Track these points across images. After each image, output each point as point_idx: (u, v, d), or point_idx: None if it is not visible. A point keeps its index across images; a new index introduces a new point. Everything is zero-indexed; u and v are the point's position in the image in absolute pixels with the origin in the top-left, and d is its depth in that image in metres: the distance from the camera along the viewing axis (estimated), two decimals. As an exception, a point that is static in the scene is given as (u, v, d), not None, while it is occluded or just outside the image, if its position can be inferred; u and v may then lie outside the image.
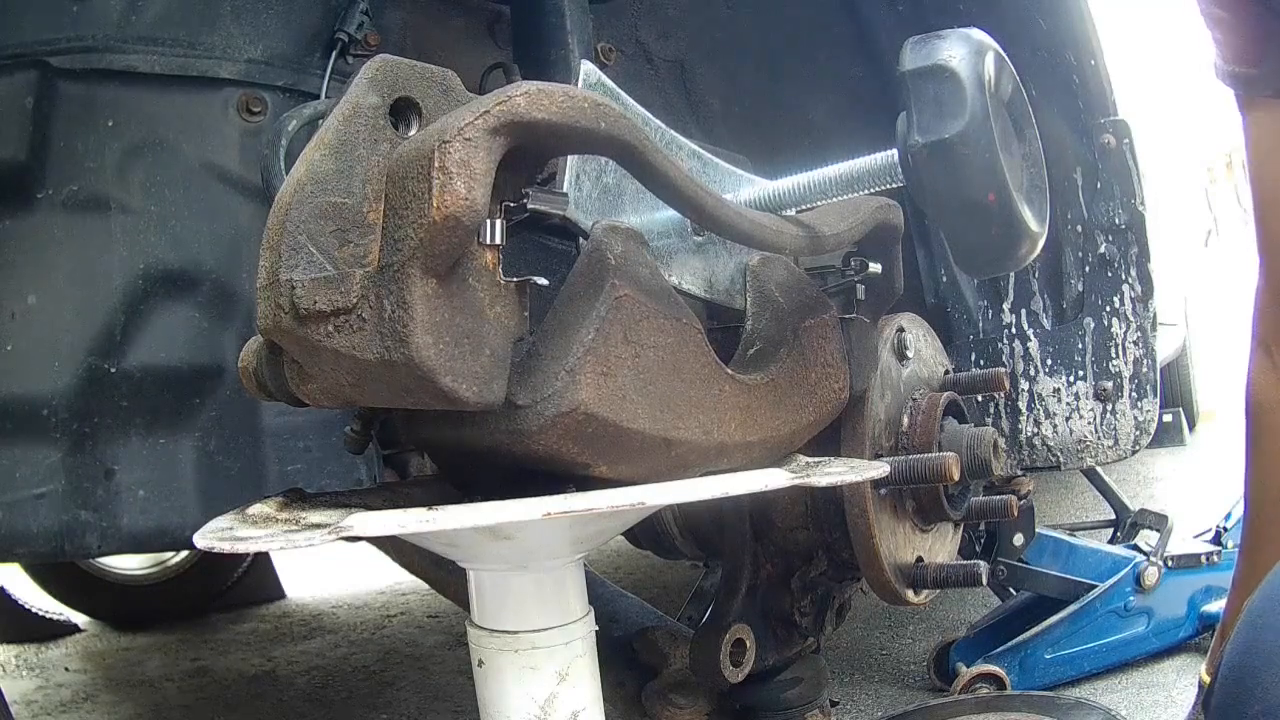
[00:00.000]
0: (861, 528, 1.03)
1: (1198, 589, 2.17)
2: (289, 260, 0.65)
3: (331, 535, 0.60)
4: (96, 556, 2.36)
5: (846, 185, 0.87)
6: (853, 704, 2.03)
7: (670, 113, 1.45)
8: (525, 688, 0.77)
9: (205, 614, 3.35)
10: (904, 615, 2.55)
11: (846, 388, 0.95)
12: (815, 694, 1.20)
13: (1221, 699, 0.82)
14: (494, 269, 0.66)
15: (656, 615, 1.32)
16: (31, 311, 1.01)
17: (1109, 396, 1.63)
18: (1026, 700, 1.76)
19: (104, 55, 1.02)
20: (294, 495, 0.79)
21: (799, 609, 1.17)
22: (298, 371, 0.70)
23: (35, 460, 1.01)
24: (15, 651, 3.08)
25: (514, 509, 0.62)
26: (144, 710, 2.48)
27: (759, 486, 0.73)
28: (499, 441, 0.70)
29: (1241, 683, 0.78)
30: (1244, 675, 0.77)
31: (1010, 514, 1.15)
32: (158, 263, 1.05)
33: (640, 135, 0.67)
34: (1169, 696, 1.94)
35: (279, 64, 1.09)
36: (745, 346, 0.89)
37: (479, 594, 0.80)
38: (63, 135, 1.02)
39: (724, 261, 0.94)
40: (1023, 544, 2.07)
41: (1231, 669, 0.80)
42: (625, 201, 0.86)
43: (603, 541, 0.85)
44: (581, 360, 0.69)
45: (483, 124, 0.60)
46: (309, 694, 2.49)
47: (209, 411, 1.07)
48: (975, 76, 0.77)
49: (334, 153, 0.67)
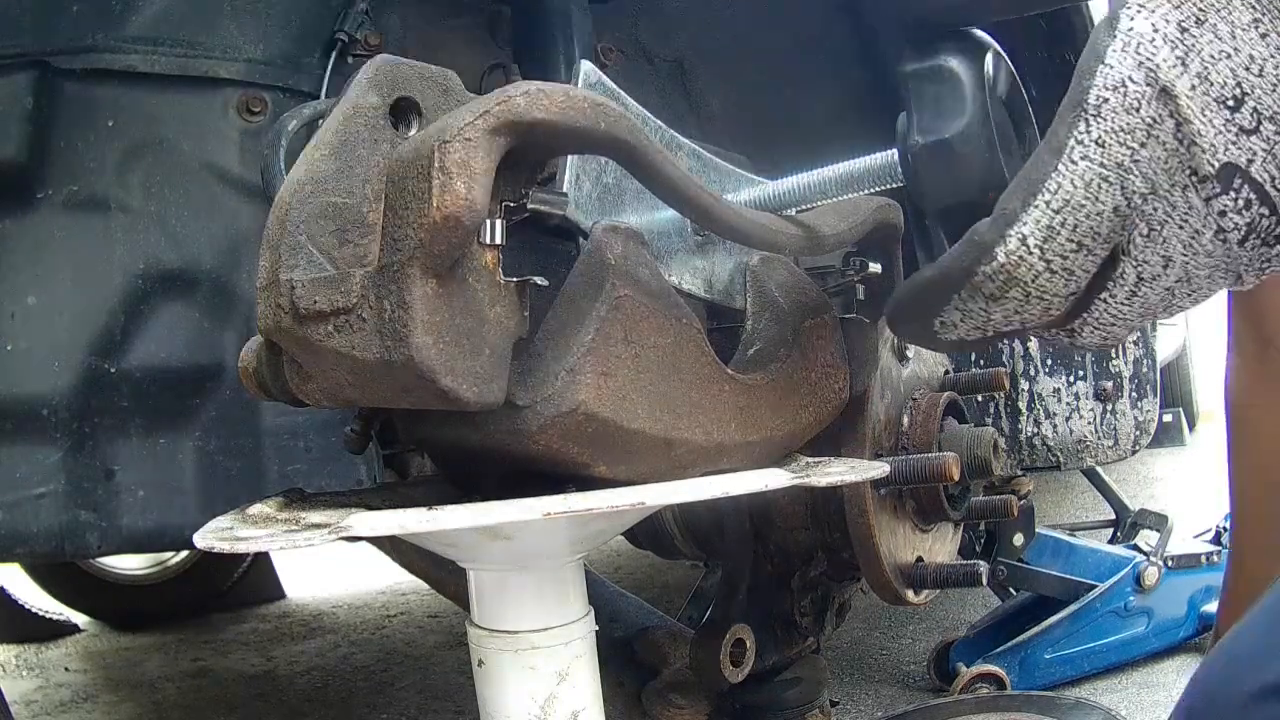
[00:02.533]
0: (861, 528, 1.03)
1: (1198, 589, 2.17)
2: (289, 260, 0.65)
3: (331, 535, 0.60)
4: (96, 556, 2.36)
5: (846, 185, 0.87)
6: (853, 704, 2.04)
7: (670, 113, 1.44)
8: (525, 688, 0.77)
9: (205, 614, 3.35)
10: (904, 615, 2.55)
11: (846, 388, 0.95)
12: (815, 694, 1.20)
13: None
14: (494, 269, 0.66)
15: (656, 615, 1.32)
16: (31, 311, 1.01)
17: (1109, 396, 1.63)
18: (1026, 700, 1.76)
19: (104, 55, 1.02)
20: (294, 495, 0.79)
21: (799, 609, 1.17)
22: (298, 371, 0.70)
23: (35, 460, 1.01)
24: (15, 651, 3.08)
25: (514, 509, 0.62)
26: (144, 710, 2.48)
27: (759, 486, 0.73)
28: (499, 441, 0.70)
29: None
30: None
31: (1010, 514, 1.15)
32: (158, 263, 1.05)
33: (640, 135, 0.67)
34: (1169, 696, 1.94)
35: (279, 64, 1.09)
36: (745, 346, 0.89)
37: (479, 594, 0.80)
38: (63, 135, 1.02)
39: (724, 261, 0.94)
40: (1023, 544, 2.07)
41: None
42: (625, 201, 0.86)
43: (603, 541, 0.85)
44: (581, 360, 0.69)
45: (483, 124, 0.60)
46: (309, 694, 2.49)
47: (209, 411, 1.07)
48: (975, 76, 0.77)
49: (334, 153, 0.67)
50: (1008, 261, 0.61)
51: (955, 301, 0.66)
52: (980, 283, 0.63)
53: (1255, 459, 1.30)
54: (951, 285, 0.65)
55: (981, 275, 0.63)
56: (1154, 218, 0.59)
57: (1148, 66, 0.56)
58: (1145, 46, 0.56)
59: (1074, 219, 0.59)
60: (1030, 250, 0.61)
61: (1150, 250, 0.60)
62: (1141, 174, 0.57)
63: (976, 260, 0.63)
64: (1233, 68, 0.55)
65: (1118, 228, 0.59)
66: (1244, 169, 0.56)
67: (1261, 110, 0.55)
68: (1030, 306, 0.64)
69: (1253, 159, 0.56)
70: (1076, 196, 0.58)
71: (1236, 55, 0.55)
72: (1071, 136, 0.58)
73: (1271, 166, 0.56)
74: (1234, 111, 0.55)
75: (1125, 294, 0.62)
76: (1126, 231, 0.60)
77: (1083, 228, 0.59)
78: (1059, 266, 0.61)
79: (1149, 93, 0.56)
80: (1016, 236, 0.61)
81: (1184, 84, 0.56)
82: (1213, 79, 0.55)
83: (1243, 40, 0.55)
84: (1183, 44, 0.56)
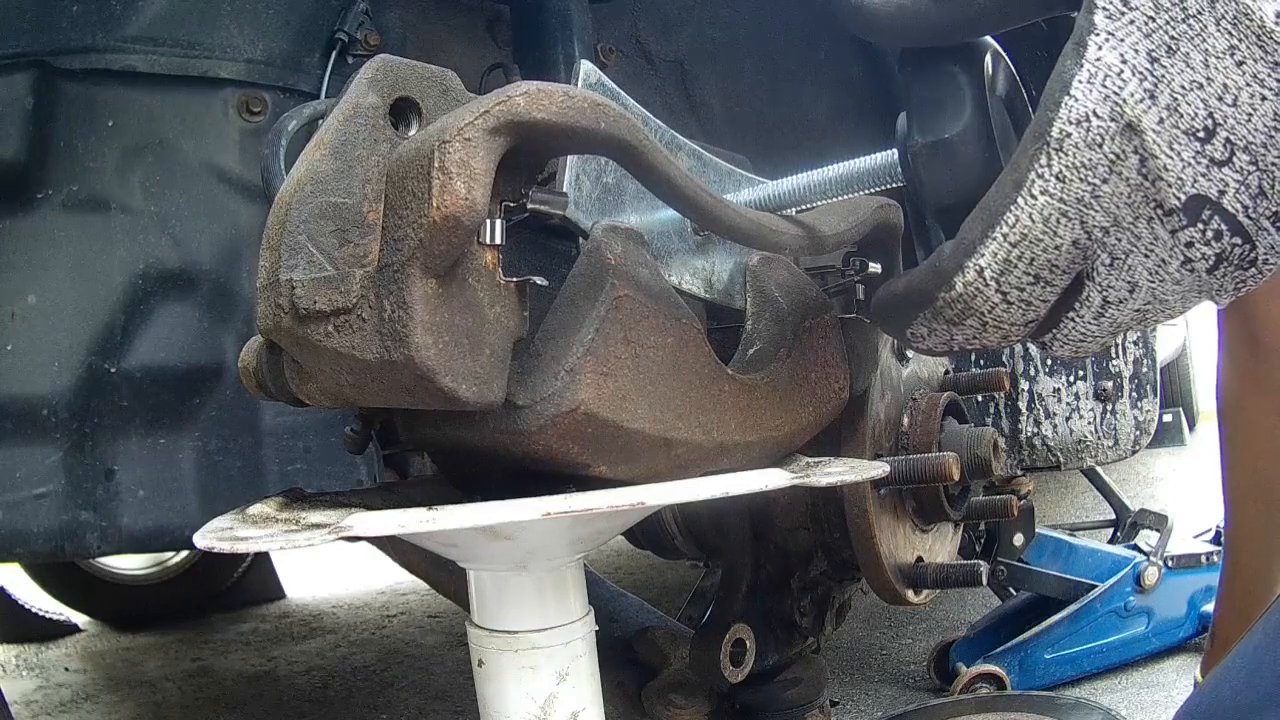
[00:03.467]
0: (861, 528, 1.03)
1: (1198, 589, 2.17)
2: (289, 260, 0.65)
3: (331, 535, 0.60)
4: (96, 556, 2.36)
5: (846, 185, 0.87)
6: (853, 704, 2.04)
7: (670, 113, 1.44)
8: (525, 688, 0.77)
9: (205, 614, 3.35)
10: (904, 615, 2.55)
11: (846, 388, 0.95)
12: (815, 694, 1.20)
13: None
14: (494, 269, 0.66)
15: (656, 615, 1.32)
16: (31, 311, 1.01)
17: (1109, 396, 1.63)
18: (1026, 700, 1.77)
19: (104, 55, 1.02)
20: (294, 495, 0.79)
21: (799, 609, 1.17)
22: (298, 371, 0.70)
23: (35, 460, 1.01)
24: (15, 651, 3.09)
25: (514, 509, 0.62)
26: (144, 710, 2.48)
27: (759, 486, 0.73)
28: (499, 441, 0.70)
29: None
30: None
31: (1010, 514, 1.15)
32: (158, 263, 1.05)
33: (640, 135, 0.67)
34: (1169, 696, 1.95)
35: (279, 64, 1.09)
36: (745, 346, 0.89)
37: (479, 594, 0.80)
38: (63, 135, 1.02)
39: (724, 261, 0.94)
40: (1023, 544, 2.07)
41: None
42: (625, 201, 0.86)
43: (603, 541, 0.85)
44: (581, 360, 0.69)
45: (482, 124, 0.60)
46: (309, 694, 2.49)
47: (209, 411, 1.07)
48: (974, 76, 0.77)
49: (334, 153, 0.67)
50: (965, 292, 0.62)
51: (920, 318, 0.67)
52: (940, 308, 0.64)
53: (1248, 459, 1.31)
54: (914, 305, 0.66)
55: (941, 301, 0.64)
56: (1117, 248, 0.58)
57: (1114, 101, 0.54)
58: (1112, 80, 0.54)
59: (1031, 253, 0.59)
60: (987, 282, 0.61)
61: (1114, 277, 0.59)
62: (1103, 209, 0.57)
63: (936, 286, 0.63)
64: (1204, 98, 0.53)
65: (1078, 259, 0.59)
66: (1215, 200, 0.54)
67: (1235, 140, 0.53)
68: (988, 333, 0.65)
69: (1224, 190, 0.54)
70: (1034, 231, 0.58)
71: (1209, 85, 0.53)
72: (1033, 169, 0.57)
73: (1245, 196, 0.54)
74: (1204, 143, 0.54)
75: (1092, 314, 0.62)
76: (1089, 260, 0.59)
77: (1040, 261, 0.59)
78: (1015, 298, 0.61)
79: (1113, 128, 0.55)
80: (974, 268, 0.61)
81: (1151, 118, 0.54)
82: (1182, 110, 0.54)
83: (1216, 69, 0.53)
84: (1152, 75, 0.54)
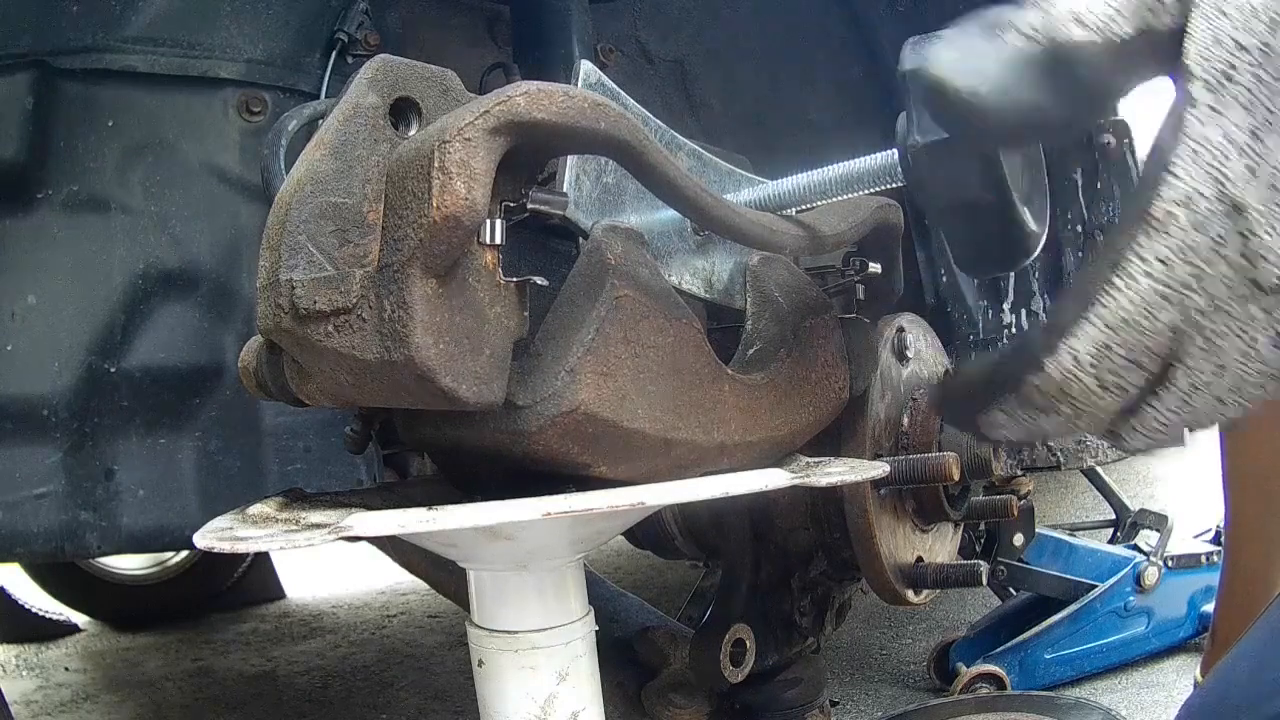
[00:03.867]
0: (861, 528, 1.03)
1: (1198, 589, 2.17)
2: (289, 260, 0.65)
3: (331, 535, 0.60)
4: (96, 556, 2.36)
5: (846, 185, 0.87)
6: (853, 704, 2.04)
7: (670, 113, 1.45)
8: (525, 688, 0.77)
9: (205, 614, 3.35)
10: (904, 615, 2.56)
11: (846, 388, 0.95)
12: (815, 694, 1.20)
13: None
14: (494, 269, 0.66)
15: (656, 615, 1.32)
16: (31, 311, 1.01)
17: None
18: (1026, 700, 1.77)
19: (104, 55, 1.02)
20: (294, 495, 0.79)
21: (799, 609, 1.17)
22: (298, 371, 0.70)
23: (35, 460, 1.01)
24: (15, 651, 3.09)
25: (514, 509, 0.62)
26: (144, 710, 2.48)
27: (759, 486, 0.73)
28: (499, 441, 0.70)
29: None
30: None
31: (1010, 514, 1.15)
32: (158, 263, 1.05)
33: (640, 135, 0.67)
34: (1169, 696, 1.95)
35: (279, 64, 1.09)
36: (745, 346, 0.89)
37: (479, 594, 0.80)
38: (63, 135, 1.02)
39: (724, 261, 0.94)
40: (1023, 544, 2.07)
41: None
42: (625, 201, 0.86)
43: (603, 541, 0.85)
44: (581, 360, 0.69)
45: (482, 124, 0.60)
46: (309, 694, 2.49)
47: (209, 411, 1.07)
48: (975, 76, 0.77)
49: (334, 153, 0.67)
50: (1058, 376, 0.59)
51: (1000, 406, 0.64)
52: (1027, 393, 0.61)
53: (1246, 459, 1.31)
54: (997, 390, 0.63)
55: (1029, 386, 0.60)
56: (1213, 330, 0.56)
57: (1218, 179, 0.53)
58: (1217, 157, 0.53)
59: (1129, 337, 0.57)
60: (1082, 366, 0.58)
61: (1205, 359, 0.57)
62: (1204, 291, 0.55)
63: (1025, 369, 0.60)
64: None
65: (1174, 343, 0.57)
66: None
67: None
68: (1080, 422, 0.62)
69: None
70: (1134, 315, 0.56)
71: None
72: (1132, 251, 0.55)
73: None
74: None
75: (1176, 402, 0.60)
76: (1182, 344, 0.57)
77: (1138, 346, 0.57)
78: (1111, 383, 0.59)
79: (1220, 209, 0.53)
80: (1068, 351, 0.58)
81: (1254, 196, 0.52)
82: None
83: None
84: (1253, 152, 0.52)
